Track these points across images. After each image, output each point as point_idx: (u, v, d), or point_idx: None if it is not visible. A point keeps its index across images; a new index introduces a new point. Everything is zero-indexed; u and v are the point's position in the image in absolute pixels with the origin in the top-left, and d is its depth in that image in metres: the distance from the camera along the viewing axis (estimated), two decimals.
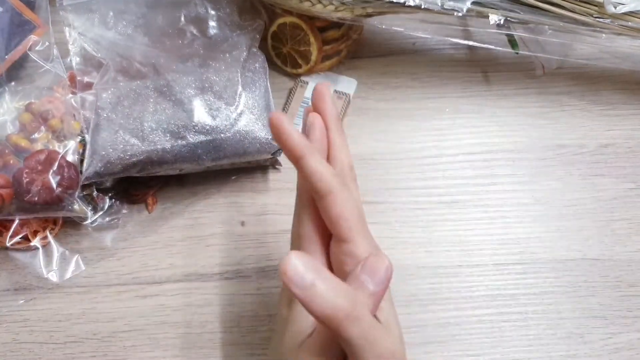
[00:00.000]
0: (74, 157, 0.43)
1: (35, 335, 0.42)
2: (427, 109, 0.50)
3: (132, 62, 0.45)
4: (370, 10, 0.44)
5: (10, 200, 0.41)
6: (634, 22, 0.42)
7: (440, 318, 0.42)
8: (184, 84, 0.44)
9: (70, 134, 0.44)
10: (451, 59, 0.52)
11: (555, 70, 0.50)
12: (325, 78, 0.50)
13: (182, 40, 0.46)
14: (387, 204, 0.46)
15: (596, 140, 0.48)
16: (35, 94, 0.45)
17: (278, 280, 0.43)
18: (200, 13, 0.47)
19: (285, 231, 0.45)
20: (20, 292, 0.43)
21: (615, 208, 0.45)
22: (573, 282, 0.43)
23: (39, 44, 0.46)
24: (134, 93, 0.44)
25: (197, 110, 0.43)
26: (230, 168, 0.46)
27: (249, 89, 0.45)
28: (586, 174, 0.47)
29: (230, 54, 0.45)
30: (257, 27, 0.48)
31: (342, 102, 0.48)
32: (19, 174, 0.41)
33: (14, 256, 0.44)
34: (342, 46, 0.49)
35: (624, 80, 0.50)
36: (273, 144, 0.44)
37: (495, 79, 0.51)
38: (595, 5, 0.42)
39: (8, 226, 0.43)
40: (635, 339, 0.41)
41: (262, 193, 0.47)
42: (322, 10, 0.43)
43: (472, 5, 0.42)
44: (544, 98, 0.50)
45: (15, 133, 0.44)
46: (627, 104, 0.49)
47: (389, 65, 0.51)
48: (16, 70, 0.47)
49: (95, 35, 0.46)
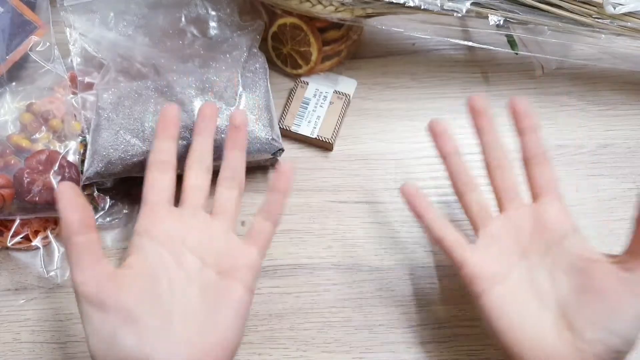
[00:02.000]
0: (75, 157, 0.43)
1: (36, 335, 0.42)
2: (426, 109, 0.50)
3: (132, 62, 0.45)
4: (370, 11, 0.44)
5: (11, 200, 0.41)
6: (633, 23, 0.42)
7: (440, 318, 0.42)
8: (184, 84, 0.44)
9: (71, 134, 0.44)
10: (451, 59, 0.52)
11: (555, 71, 0.50)
12: (325, 78, 0.50)
13: (182, 41, 0.47)
14: (387, 204, 0.46)
15: (595, 140, 0.48)
16: (36, 94, 0.45)
17: (278, 280, 0.44)
18: (200, 14, 0.47)
19: (286, 231, 0.45)
20: (21, 292, 0.44)
21: (615, 208, 0.46)
22: None
23: (39, 44, 0.46)
24: (135, 93, 0.44)
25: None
26: None
27: (250, 89, 0.45)
28: (585, 174, 0.47)
29: (230, 55, 0.45)
30: (257, 27, 0.48)
31: (342, 103, 0.48)
32: (20, 174, 0.41)
33: (15, 256, 0.44)
34: (342, 47, 0.50)
35: (623, 81, 0.50)
36: (273, 144, 0.44)
37: (495, 79, 0.51)
38: (594, 5, 0.42)
39: (9, 226, 0.43)
40: None
41: (262, 193, 0.47)
42: (322, 11, 0.44)
43: (472, 5, 0.43)
44: (543, 98, 0.50)
45: (16, 133, 0.44)
46: (626, 104, 0.49)
47: (389, 65, 0.52)
48: (17, 71, 0.47)
49: (96, 35, 0.46)
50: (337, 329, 0.42)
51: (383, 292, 0.43)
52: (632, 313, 0.30)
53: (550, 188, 0.36)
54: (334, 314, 0.42)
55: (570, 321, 0.31)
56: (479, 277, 0.34)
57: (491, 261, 0.35)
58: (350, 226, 0.45)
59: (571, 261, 0.33)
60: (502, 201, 0.36)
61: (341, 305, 0.43)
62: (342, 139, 0.49)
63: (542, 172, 0.36)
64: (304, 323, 0.42)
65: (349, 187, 0.47)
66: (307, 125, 0.47)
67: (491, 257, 0.35)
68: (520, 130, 0.37)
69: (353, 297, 0.43)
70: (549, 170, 0.36)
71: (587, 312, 0.31)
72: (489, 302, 0.33)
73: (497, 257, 0.35)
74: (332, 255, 0.44)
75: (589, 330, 0.30)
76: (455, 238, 0.35)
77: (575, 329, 0.31)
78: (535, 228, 0.35)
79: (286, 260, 0.44)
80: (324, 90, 0.49)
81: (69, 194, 0.31)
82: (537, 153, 0.36)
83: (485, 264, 0.34)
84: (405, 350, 0.41)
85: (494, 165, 0.37)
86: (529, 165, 0.36)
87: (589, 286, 0.32)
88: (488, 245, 0.35)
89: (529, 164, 0.36)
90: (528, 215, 0.35)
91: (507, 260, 0.35)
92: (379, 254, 0.44)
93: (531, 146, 0.36)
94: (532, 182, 0.36)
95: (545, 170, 0.36)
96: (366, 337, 0.42)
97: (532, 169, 0.36)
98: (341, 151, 0.48)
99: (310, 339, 0.42)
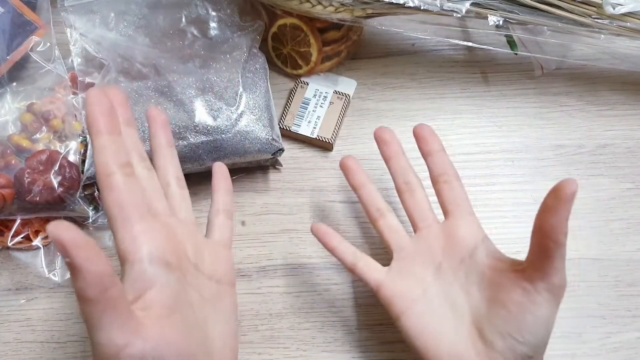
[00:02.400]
0: (76, 157, 0.43)
1: (36, 335, 0.42)
2: (426, 110, 0.50)
3: (133, 62, 0.45)
4: (369, 11, 0.44)
5: (12, 200, 0.41)
6: (632, 23, 0.42)
7: None
8: (184, 84, 0.44)
9: (71, 134, 0.44)
10: (450, 59, 0.52)
11: (554, 71, 0.50)
12: (325, 79, 0.50)
13: (182, 41, 0.47)
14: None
15: (595, 140, 0.48)
16: (37, 94, 0.45)
17: (278, 280, 0.44)
18: (201, 14, 0.47)
19: (286, 231, 0.45)
20: (22, 292, 0.44)
21: (614, 208, 0.46)
22: (571, 282, 0.43)
23: (40, 44, 0.46)
24: (135, 94, 0.44)
25: (198, 111, 0.43)
26: (230, 168, 0.46)
27: (250, 89, 0.45)
28: (585, 174, 0.47)
29: (230, 55, 0.46)
30: (257, 28, 0.48)
31: (341, 103, 0.48)
32: (20, 174, 0.41)
33: (16, 256, 0.44)
34: (342, 47, 0.50)
35: (622, 81, 0.50)
36: (273, 144, 0.44)
37: (494, 79, 0.51)
38: (593, 6, 0.42)
39: (10, 226, 0.43)
40: (633, 338, 0.41)
41: (262, 193, 0.47)
42: (322, 11, 0.44)
43: (471, 6, 0.43)
44: (542, 98, 0.50)
45: (16, 133, 0.44)
46: (625, 104, 0.50)
47: (389, 66, 0.52)
48: (18, 71, 0.47)
49: (97, 36, 0.46)
50: (337, 328, 0.42)
51: None
52: (533, 321, 0.31)
53: (459, 203, 0.37)
54: (334, 314, 0.43)
55: (483, 332, 0.32)
56: (396, 297, 0.35)
57: (406, 281, 0.36)
58: (350, 226, 0.45)
59: (482, 272, 0.34)
60: (414, 221, 0.37)
61: (341, 305, 0.43)
62: (342, 139, 0.49)
63: (450, 189, 0.37)
64: (304, 323, 0.42)
65: (349, 187, 0.47)
66: (307, 125, 0.47)
67: (406, 278, 0.36)
68: (425, 153, 0.38)
69: (353, 297, 0.43)
70: (457, 186, 0.37)
71: (496, 322, 0.32)
72: (408, 321, 0.34)
73: (412, 277, 0.36)
74: (331, 255, 0.44)
75: (499, 340, 0.31)
76: (366, 263, 0.37)
77: (487, 339, 0.32)
78: (447, 244, 0.36)
79: (286, 260, 0.44)
80: (324, 90, 0.49)
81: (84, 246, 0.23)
82: (444, 172, 0.37)
83: (400, 284, 0.35)
84: (405, 350, 0.41)
85: (404, 189, 0.38)
86: (437, 184, 0.37)
87: (497, 297, 0.32)
88: (403, 266, 0.36)
89: (437, 182, 0.37)
90: (439, 232, 0.36)
91: (421, 279, 0.36)
92: (378, 254, 0.44)
93: (438, 166, 0.37)
94: (442, 200, 0.37)
95: (453, 187, 0.37)
96: (366, 337, 0.42)
97: (440, 187, 0.37)
98: (341, 151, 0.48)
99: (310, 339, 0.42)
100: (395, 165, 0.39)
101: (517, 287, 0.32)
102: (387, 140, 0.39)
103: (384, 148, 0.39)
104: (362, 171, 0.39)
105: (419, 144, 0.38)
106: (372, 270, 0.36)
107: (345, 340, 0.42)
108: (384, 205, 0.38)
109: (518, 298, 0.31)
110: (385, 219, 0.38)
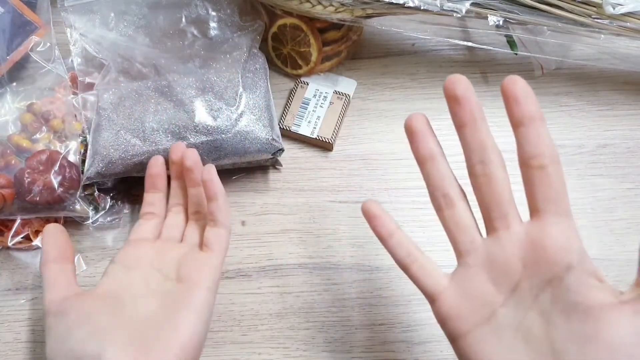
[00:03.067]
0: (76, 158, 0.43)
1: (36, 335, 0.42)
2: (426, 110, 0.50)
3: (133, 62, 0.45)
4: (369, 11, 0.44)
5: (12, 200, 0.41)
6: (632, 23, 0.42)
7: None
8: (184, 84, 0.44)
9: (71, 135, 0.44)
10: (450, 59, 0.52)
11: (554, 71, 0.50)
12: (325, 79, 0.50)
13: (182, 41, 0.47)
14: (387, 204, 0.46)
15: (595, 140, 0.48)
16: (37, 94, 0.45)
17: (278, 280, 0.44)
18: (201, 14, 0.47)
19: (286, 231, 0.45)
20: (22, 292, 0.44)
21: (614, 208, 0.46)
22: None
23: (40, 44, 0.46)
24: (135, 93, 0.44)
25: (198, 111, 0.43)
26: (230, 168, 0.46)
27: (250, 89, 0.45)
28: (585, 174, 0.47)
29: (230, 55, 0.46)
30: (257, 28, 0.48)
31: (341, 103, 0.48)
32: (20, 174, 0.41)
33: (16, 256, 0.44)
34: (342, 47, 0.50)
35: (622, 81, 0.50)
36: (273, 144, 0.44)
37: (494, 79, 0.51)
38: (593, 6, 0.42)
39: (10, 226, 0.43)
40: None
41: (262, 193, 0.47)
42: (322, 11, 0.44)
43: (471, 6, 0.43)
44: (542, 98, 0.50)
45: (16, 133, 0.44)
46: (625, 104, 0.50)
47: (389, 66, 0.52)
48: (18, 71, 0.47)
49: (97, 36, 0.46)
50: (337, 328, 0.42)
51: (383, 292, 0.43)
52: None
53: (554, 200, 0.27)
54: (334, 314, 0.43)
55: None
56: (453, 318, 0.28)
57: (470, 299, 0.28)
58: (350, 226, 0.46)
59: (573, 301, 0.26)
60: (489, 219, 0.29)
61: (341, 305, 0.43)
62: (342, 139, 0.49)
63: (545, 177, 0.27)
64: (304, 323, 0.42)
65: (349, 187, 0.47)
66: (307, 125, 0.47)
67: (471, 294, 0.28)
68: (516, 121, 0.27)
69: (353, 297, 0.43)
70: (554, 175, 0.27)
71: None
72: (467, 346, 0.28)
73: (478, 294, 0.28)
74: (331, 255, 0.44)
75: None
76: (422, 266, 0.30)
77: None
78: (531, 256, 0.27)
79: (286, 260, 0.44)
80: (324, 90, 0.49)
81: (53, 232, 0.38)
82: (539, 152, 0.27)
83: (461, 302, 0.28)
84: (405, 350, 0.41)
85: (479, 172, 0.29)
86: (528, 169, 0.27)
87: (595, 336, 0.25)
88: (468, 277, 0.29)
89: (528, 167, 0.27)
90: (523, 238, 0.28)
91: (491, 299, 0.28)
92: (379, 254, 0.44)
93: (532, 143, 0.27)
94: (531, 192, 0.28)
95: (549, 175, 0.27)
96: (366, 337, 0.42)
97: (531, 173, 0.27)
98: (341, 151, 0.48)
99: (310, 339, 0.42)
100: (470, 136, 0.28)
101: (628, 325, 0.24)
102: (461, 97, 0.28)
103: (457, 108, 0.28)
104: (433, 137, 0.30)
105: (508, 106, 0.27)
106: (428, 276, 0.29)
107: (345, 340, 0.42)
108: (454, 191, 0.29)
109: (630, 340, 0.24)
110: (452, 209, 0.29)
